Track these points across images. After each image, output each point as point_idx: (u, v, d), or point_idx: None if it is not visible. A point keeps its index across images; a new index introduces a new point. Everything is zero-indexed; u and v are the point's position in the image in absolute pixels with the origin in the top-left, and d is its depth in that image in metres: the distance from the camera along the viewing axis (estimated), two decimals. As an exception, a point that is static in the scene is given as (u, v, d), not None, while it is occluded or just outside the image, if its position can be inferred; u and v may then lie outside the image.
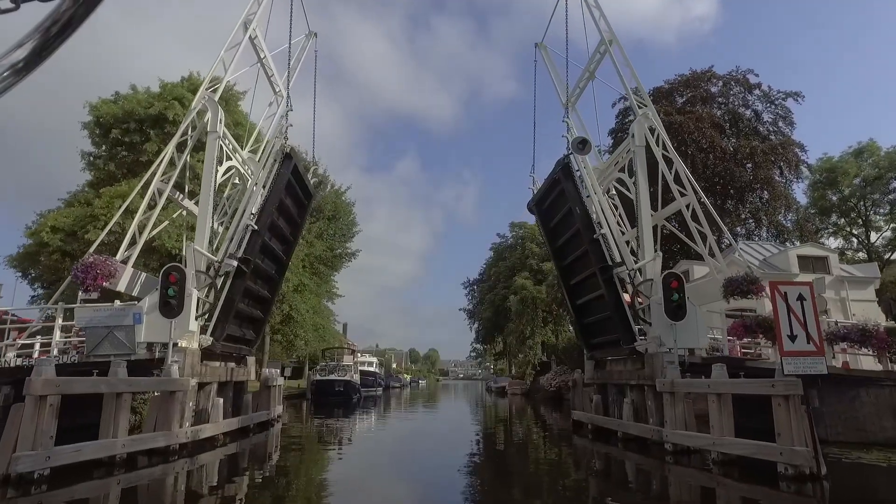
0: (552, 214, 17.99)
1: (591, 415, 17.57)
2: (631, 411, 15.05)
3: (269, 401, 19.51)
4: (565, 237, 17.31)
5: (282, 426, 21.51)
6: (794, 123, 29.98)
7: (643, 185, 15.61)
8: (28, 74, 1.18)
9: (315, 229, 42.43)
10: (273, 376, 20.67)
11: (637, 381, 14.93)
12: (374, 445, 17.18)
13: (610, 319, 16.03)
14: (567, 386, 40.62)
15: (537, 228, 71.09)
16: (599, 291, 15.80)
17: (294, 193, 17.19)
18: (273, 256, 17.31)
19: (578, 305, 18.24)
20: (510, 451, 15.88)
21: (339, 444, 17.96)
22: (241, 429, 16.45)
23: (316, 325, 44.98)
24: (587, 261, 16.12)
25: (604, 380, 17.78)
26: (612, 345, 16.58)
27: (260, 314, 17.76)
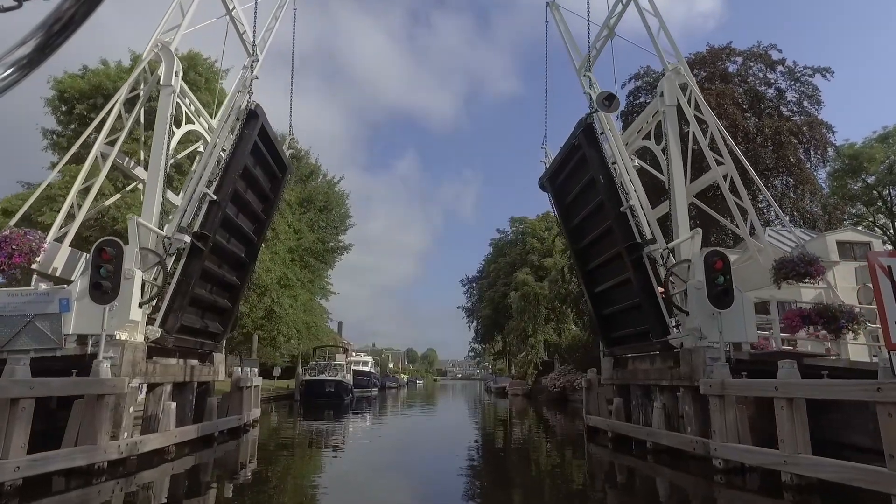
0: (569, 188, 15.61)
1: (612, 420, 15.21)
2: (662, 417, 12.70)
3: (242, 404, 17.10)
4: (584, 213, 14.95)
5: (259, 432, 19.14)
6: (821, 102, 27.75)
7: (675, 150, 13.26)
8: (31, 72, 1.21)
9: (305, 220, 40.03)
10: (247, 376, 18.25)
11: (669, 382, 12.58)
12: (362, 455, 14.79)
13: (636, 309, 13.69)
14: (573, 387, 38.34)
15: (538, 223, 69.12)
16: (625, 275, 13.45)
17: (263, 161, 14.78)
18: (241, 236, 14.92)
19: (597, 294, 15.88)
20: (520, 464, 13.52)
21: (322, 452, 15.57)
22: (203, 437, 14.05)
23: (308, 324, 42.66)
24: (611, 239, 13.77)
25: (625, 380, 15.43)
26: (637, 339, 14.23)
27: (227, 304, 15.37)
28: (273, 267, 25.75)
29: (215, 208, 12.44)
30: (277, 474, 11.99)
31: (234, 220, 14.11)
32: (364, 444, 17.76)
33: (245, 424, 17.92)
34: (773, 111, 27.82)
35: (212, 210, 12.42)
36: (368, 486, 10.67)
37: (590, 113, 13.66)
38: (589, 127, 13.49)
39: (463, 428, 23.73)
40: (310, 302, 42.66)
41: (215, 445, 14.26)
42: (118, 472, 9.98)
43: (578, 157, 14.31)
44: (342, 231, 45.49)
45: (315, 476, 12.12)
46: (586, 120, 13.65)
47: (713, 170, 13.60)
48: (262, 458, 14.18)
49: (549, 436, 20.52)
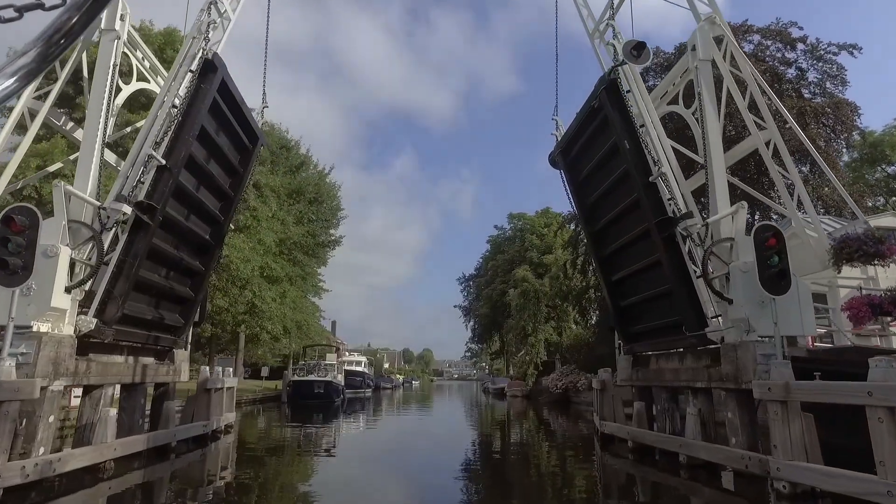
0: (585, 160, 13.59)
1: (633, 428, 13.22)
2: (697, 426, 10.71)
3: (210, 407, 15.04)
4: (603, 188, 12.92)
5: (234, 438, 17.08)
6: (846, 82, 25.86)
7: (712, 111, 11.26)
8: (33, 80, 1.29)
9: (294, 212, 37.94)
10: (218, 376, 16.19)
11: (706, 384, 10.58)
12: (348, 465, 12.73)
13: (665, 297, 11.71)
14: (575, 388, 36.38)
15: (537, 219, 67.22)
16: (652, 258, 11.46)
17: (228, 127, 12.70)
18: (203, 214, 12.87)
19: (615, 283, 13.90)
20: (528, 478, 11.51)
21: (303, 461, 13.52)
22: (156, 448, 12.00)
23: (298, 322, 40.61)
24: (636, 216, 11.78)
25: (647, 381, 13.43)
26: (665, 333, 12.25)
27: (189, 292, 13.31)
28: (253, 257, 23.68)
29: (166, 175, 10.37)
30: (246, 490, 9.97)
31: (194, 193, 12.04)
32: (350, 453, 15.70)
33: (215, 431, 15.87)
34: (792, 92, 25.88)
35: (161, 177, 10.34)
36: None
37: (613, 67, 11.63)
38: (612, 84, 11.45)
39: (461, 433, 21.67)
40: (300, 299, 40.61)
41: (172, 458, 12.19)
42: (29, 498, 7.93)
43: (598, 121, 12.30)
44: (333, 224, 43.46)
45: (291, 491, 10.10)
46: (609, 75, 11.61)
47: (753, 136, 11.62)
48: (231, 469, 12.16)
49: (555, 442, 18.51)
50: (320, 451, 15.93)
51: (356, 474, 11.67)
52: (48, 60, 1.27)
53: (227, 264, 22.09)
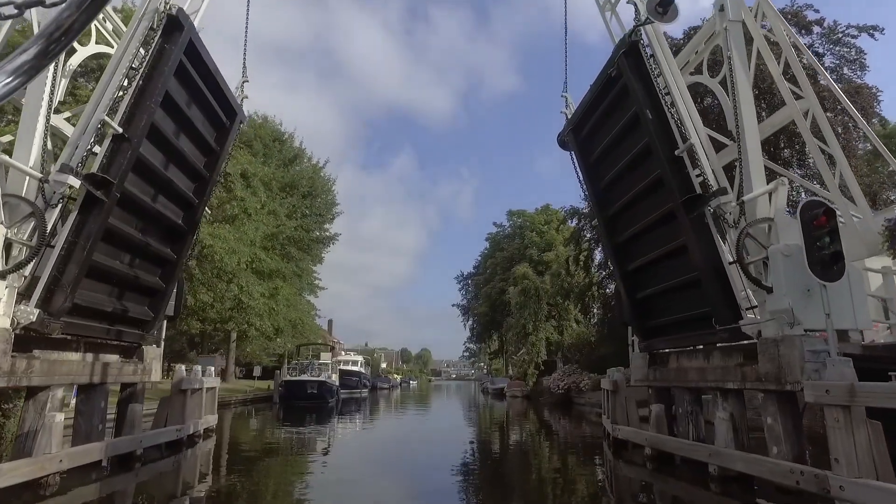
0: (598, 137, 12.29)
1: (652, 434, 11.91)
2: (730, 432, 9.42)
3: (185, 410, 13.72)
4: (619, 168, 11.62)
5: (215, 443, 15.78)
6: (866, 67, 24.61)
7: (743, 77, 9.95)
8: (33, 77, 1.28)
9: (287, 206, 36.63)
10: (196, 376, 14.87)
11: (739, 384, 9.29)
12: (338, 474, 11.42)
13: (691, 287, 10.43)
14: (578, 388, 35.09)
15: (537, 216, 65.95)
16: (676, 243, 10.17)
17: (200, 98, 11.35)
18: (174, 195, 11.54)
19: (631, 273, 12.61)
20: (537, 491, 10.22)
21: (289, 469, 12.18)
22: (120, 457, 10.68)
23: (293, 320, 39.33)
24: (658, 196, 10.50)
25: (666, 381, 12.15)
26: (687, 327, 10.97)
27: (159, 283, 11.98)
28: (240, 248, 22.34)
29: (124, 147, 9.03)
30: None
31: (161, 171, 10.71)
32: (340, 460, 14.36)
33: (193, 435, 14.55)
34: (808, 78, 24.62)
35: (119, 149, 9.01)
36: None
37: (634, 28, 10.32)
38: (633, 47, 10.12)
39: (460, 437, 20.34)
40: (295, 297, 39.33)
41: (137, 467, 10.86)
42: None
43: (616, 91, 10.99)
44: (328, 220, 42.14)
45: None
46: (629, 37, 10.29)
47: (788, 106, 10.35)
48: (207, 479, 10.85)
49: (561, 447, 17.22)
50: (309, 457, 14.63)
51: (346, 490, 10.35)
52: (49, 58, 1.29)
53: (211, 255, 20.77)
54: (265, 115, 41.32)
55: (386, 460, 14.38)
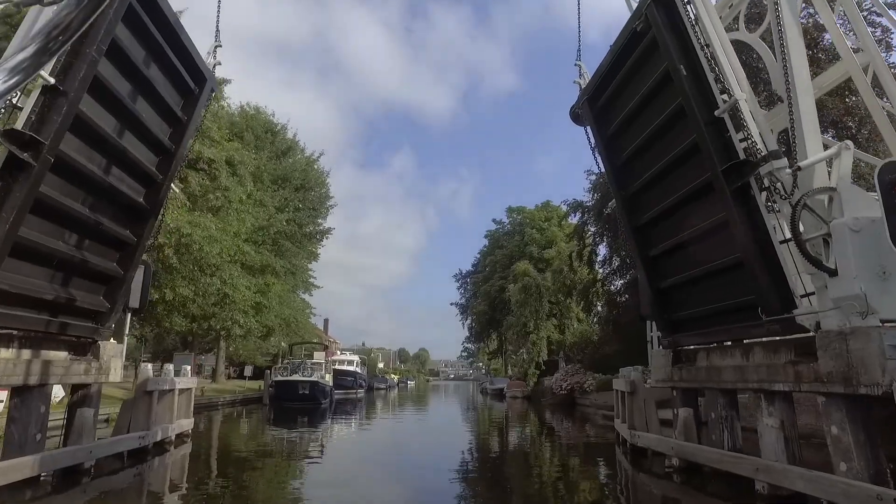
0: (619, 105, 10.79)
1: (677, 441, 10.46)
2: (780, 442, 7.95)
3: (152, 415, 12.22)
4: (643, 138, 10.13)
5: (190, 450, 14.25)
6: (892, 47, 23.23)
7: (794, 29, 8.47)
8: (32, 75, 1.35)
9: (278, 198, 35.10)
10: (166, 376, 13.38)
11: (790, 385, 7.83)
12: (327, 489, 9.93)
13: (728, 272, 8.98)
14: (582, 388, 33.65)
15: (537, 212, 64.50)
16: (712, 220, 8.71)
17: (160, 55, 9.81)
18: (132, 168, 10.03)
19: (653, 259, 11.14)
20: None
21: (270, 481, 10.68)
22: (66, 470, 9.19)
23: (287, 318, 37.84)
24: (691, 168, 9.05)
25: (695, 382, 10.68)
26: (722, 319, 9.52)
27: (117, 269, 10.48)
28: (222, 238, 20.81)
29: (59, 102, 7.52)
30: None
31: (114, 138, 9.21)
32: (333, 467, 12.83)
33: (163, 442, 13.10)
34: (827, 61, 23.24)
35: (52, 104, 7.50)
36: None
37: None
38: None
39: (460, 441, 18.82)
40: (288, 294, 37.83)
41: (85, 482, 9.36)
42: None
43: (642, 48, 9.51)
44: (322, 214, 40.62)
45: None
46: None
47: (844, 60, 8.89)
48: (168, 495, 9.37)
49: (570, 454, 15.71)
50: (296, 465, 13.10)
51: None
52: (48, 56, 1.31)
53: (189, 244, 19.26)
54: (257, 106, 39.86)
55: (381, 469, 12.86)
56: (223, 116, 29.24)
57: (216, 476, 11.44)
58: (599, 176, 34.54)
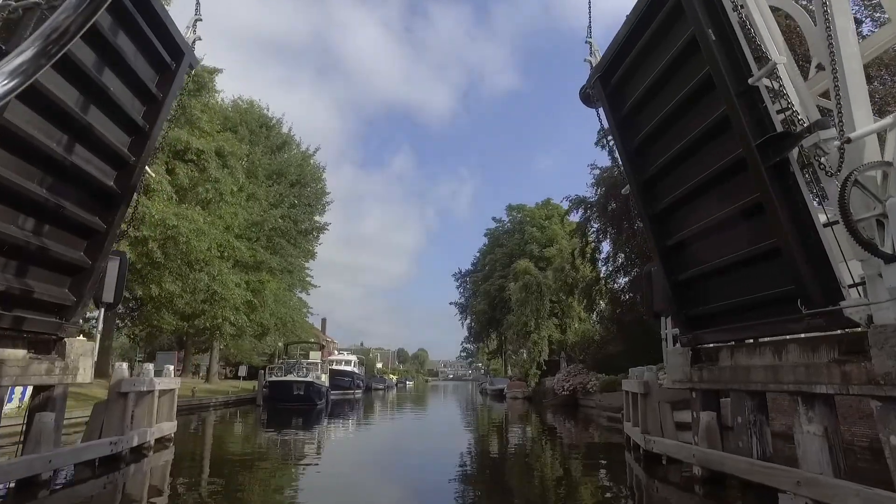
0: (635, 81, 9.81)
1: (699, 448, 9.52)
2: (824, 452, 7.02)
3: (126, 418, 11.27)
4: (662, 116, 9.19)
5: (172, 455, 13.30)
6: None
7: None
8: (31, 79, 1.38)
9: (273, 193, 34.17)
10: (144, 376, 12.43)
11: (836, 387, 6.90)
12: None
13: (761, 260, 8.06)
14: (585, 389, 32.75)
15: (537, 210, 63.60)
16: (743, 202, 7.78)
17: (129, 22, 8.84)
18: (99, 147, 9.08)
19: (671, 249, 10.21)
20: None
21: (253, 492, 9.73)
22: (22, 482, 8.24)
23: (283, 317, 36.95)
24: (718, 145, 8.12)
25: (718, 383, 9.75)
26: (751, 314, 8.59)
27: (84, 259, 9.54)
28: (210, 232, 19.85)
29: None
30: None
31: (76, 112, 8.26)
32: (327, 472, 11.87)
33: (141, 447, 12.17)
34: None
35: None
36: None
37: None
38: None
39: (460, 442, 17.87)
40: (284, 293, 36.93)
41: (43, 495, 8.40)
42: None
43: (664, 14, 8.55)
44: (318, 210, 39.69)
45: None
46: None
47: (894, 23, 7.96)
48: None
49: (577, 459, 14.75)
50: (286, 471, 12.15)
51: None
52: (46, 59, 1.37)
53: (175, 238, 18.31)
54: (251, 100, 38.99)
55: (378, 475, 11.91)
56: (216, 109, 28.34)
57: (199, 483, 10.52)
58: (604, 170, 33.71)
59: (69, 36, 1.38)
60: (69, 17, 1.34)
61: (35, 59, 1.30)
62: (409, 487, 10.53)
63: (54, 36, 1.34)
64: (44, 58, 1.35)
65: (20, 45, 1.30)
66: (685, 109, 8.82)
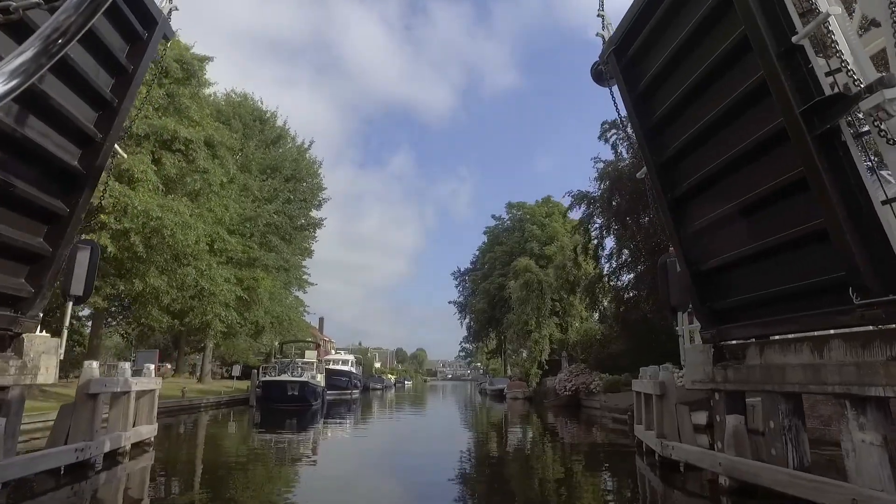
0: (657, 51, 8.83)
1: (727, 456, 8.59)
2: (884, 465, 6.11)
3: (96, 422, 10.32)
4: (687, 86, 8.25)
5: (153, 461, 12.34)
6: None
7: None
8: (32, 79, 1.40)
9: (267, 188, 33.22)
10: (118, 376, 11.49)
11: (893, 390, 5.99)
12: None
13: (802, 245, 7.14)
14: (588, 389, 31.85)
15: (538, 208, 62.73)
16: (782, 179, 6.86)
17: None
18: (58, 120, 8.13)
19: (693, 236, 9.29)
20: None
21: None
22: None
23: (279, 316, 36.03)
24: (754, 115, 7.21)
25: (746, 383, 8.83)
26: (788, 305, 7.68)
27: (43, 246, 8.59)
28: (197, 224, 18.84)
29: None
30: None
31: (33, 84, 7.32)
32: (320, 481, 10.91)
33: (116, 452, 11.24)
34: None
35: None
36: None
37: None
38: None
39: (460, 445, 16.90)
40: (280, 291, 36.00)
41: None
42: None
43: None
44: (314, 205, 38.73)
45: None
46: None
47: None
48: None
49: (585, 464, 13.81)
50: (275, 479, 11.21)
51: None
52: (47, 58, 1.41)
53: (160, 230, 17.36)
54: (244, 93, 38.04)
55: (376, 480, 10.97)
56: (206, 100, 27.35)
57: (177, 492, 9.59)
58: (608, 164, 32.79)
59: (69, 36, 1.45)
60: (69, 17, 1.44)
61: (35, 59, 1.37)
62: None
63: (55, 36, 1.41)
64: (44, 57, 1.41)
65: (21, 45, 1.33)
66: (714, 78, 7.89)
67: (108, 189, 16.86)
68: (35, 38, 1.35)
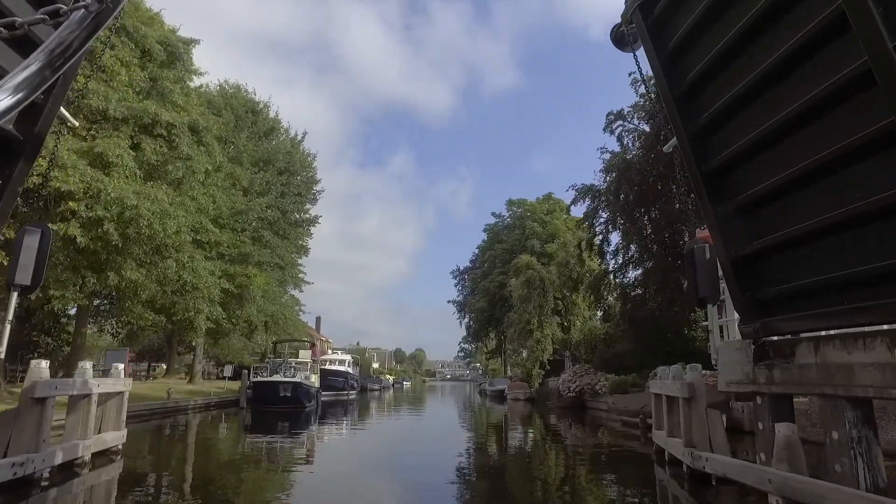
0: (690, 3, 7.62)
1: (779, 472, 7.28)
2: None
3: (44, 430, 9.01)
4: (729, 40, 6.94)
5: (119, 473, 11.03)
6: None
7: None
8: (36, 93, 1.31)
9: (259, 182, 31.90)
10: (78, 378, 10.18)
11: None
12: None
13: (870, 222, 5.83)
14: (593, 390, 30.60)
15: (538, 205, 61.45)
16: (866, 132, 5.54)
17: None
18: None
19: (734, 214, 7.97)
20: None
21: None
22: None
23: (273, 314, 34.72)
24: (813, 68, 5.95)
25: (797, 385, 7.54)
26: (849, 293, 6.37)
27: (-34, 225, 7.27)
28: (177, 213, 17.44)
29: None
30: None
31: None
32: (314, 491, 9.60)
33: (73, 463, 9.95)
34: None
35: None
36: None
37: None
38: None
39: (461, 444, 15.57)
40: (274, 289, 34.69)
41: None
42: None
43: None
44: (309, 199, 37.40)
45: None
46: None
47: None
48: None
49: (597, 473, 12.47)
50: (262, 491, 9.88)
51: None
52: (51, 73, 1.35)
53: (136, 219, 16.02)
54: (237, 84, 36.74)
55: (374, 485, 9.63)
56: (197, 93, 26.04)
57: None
58: (614, 155, 31.53)
59: (73, 51, 1.37)
60: (73, 32, 1.36)
61: (40, 73, 1.29)
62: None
63: (59, 50, 1.34)
64: (48, 71, 1.33)
65: (26, 60, 1.28)
66: (768, 22, 6.58)
67: (80, 174, 15.60)
68: (39, 53, 1.29)
